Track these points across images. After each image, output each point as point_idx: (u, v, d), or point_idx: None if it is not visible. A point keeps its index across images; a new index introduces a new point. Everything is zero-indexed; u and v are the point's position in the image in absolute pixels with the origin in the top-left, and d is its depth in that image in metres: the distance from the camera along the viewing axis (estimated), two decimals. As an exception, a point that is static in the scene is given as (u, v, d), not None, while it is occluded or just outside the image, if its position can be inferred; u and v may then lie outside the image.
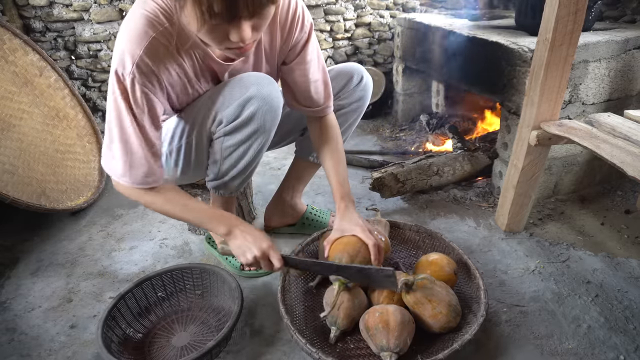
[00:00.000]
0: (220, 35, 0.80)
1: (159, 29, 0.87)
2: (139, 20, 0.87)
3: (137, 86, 0.87)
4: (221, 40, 0.81)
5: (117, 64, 0.86)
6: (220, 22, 0.76)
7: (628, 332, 1.06)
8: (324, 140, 1.19)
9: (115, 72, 0.86)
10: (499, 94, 1.56)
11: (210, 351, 0.93)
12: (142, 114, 0.91)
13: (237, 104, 1.00)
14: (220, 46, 0.84)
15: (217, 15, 0.74)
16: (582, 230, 1.46)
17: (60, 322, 1.15)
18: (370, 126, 2.49)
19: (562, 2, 1.07)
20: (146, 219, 1.60)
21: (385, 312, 0.95)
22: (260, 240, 0.99)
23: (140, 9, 0.88)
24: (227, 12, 0.74)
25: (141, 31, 0.86)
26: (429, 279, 1.00)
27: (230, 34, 0.79)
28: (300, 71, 1.12)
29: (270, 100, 1.01)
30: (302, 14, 1.06)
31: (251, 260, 0.99)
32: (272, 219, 1.47)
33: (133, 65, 0.86)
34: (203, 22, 0.76)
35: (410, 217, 1.56)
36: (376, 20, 2.53)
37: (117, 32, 0.89)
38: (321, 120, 1.19)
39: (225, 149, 1.07)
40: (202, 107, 1.04)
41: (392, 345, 0.91)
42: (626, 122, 1.17)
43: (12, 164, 1.48)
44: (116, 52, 0.87)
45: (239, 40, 0.80)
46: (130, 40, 0.86)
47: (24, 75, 1.71)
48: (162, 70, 0.91)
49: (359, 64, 1.28)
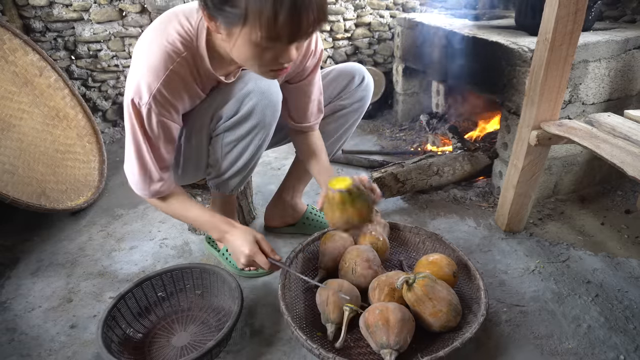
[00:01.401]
0: (267, 58, 0.81)
1: (177, 60, 0.89)
2: (158, 52, 0.88)
3: (154, 115, 0.91)
4: (269, 62, 0.82)
5: (133, 93, 0.89)
6: (278, 45, 0.78)
7: (628, 332, 1.06)
8: (311, 154, 1.22)
9: (132, 100, 0.90)
10: (499, 93, 1.56)
11: (211, 351, 0.93)
12: (157, 139, 0.96)
13: (235, 99, 1.00)
14: (264, 68, 0.85)
15: (279, 39, 0.76)
16: (582, 230, 1.46)
17: (61, 322, 1.15)
18: (370, 126, 2.49)
19: (562, 2, 1.07)
20: (146, 219, 1.60)
21: (385, 310, 0.95)
22: (244, 247, 1.01)
23: (161, 39, 0.89)
24: (290, 36, 0.76)
25: (160, 65, 0.88)
26: (430, 278, 1.00)
27: (280, 56, 0.81)
28: (303, 91, 1.15)
29: (269, 94, 1.02)
30: (317, 42, 1.09)
31: (245, 262, 1.02)
32: (272, 218, 1.47)
33: (150, 97, 0.89)
34: (260, 46, 0.78)
35: (410, 217, 1.56)
36: (376, 20, 2.53)
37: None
38: (307, 135, 1.23)
39: (226, 145, 1.07)
40: (201, 106, 1.04)
41: (392, 342, 0.91)
42: (626, 122, 1.17)
43: (12, 164, 1.48)
44: (133, 79, 0.89)
45: (286, 62, 0.83)
46: (149, 72, 0.88)
47: (24, 75, 1.71)
48: (177, 98, 0.94)
49: (360, 64, 1.29)
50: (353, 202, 0.97)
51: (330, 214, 0.99)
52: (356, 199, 0.97)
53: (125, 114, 0.93)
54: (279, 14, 0.71)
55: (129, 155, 0.98)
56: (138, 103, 0.89)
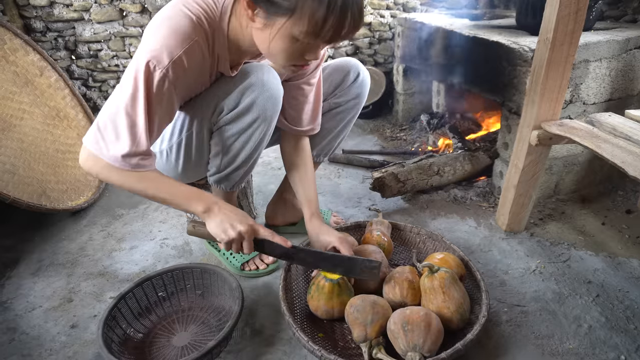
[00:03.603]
0: (297, 54, 0.84)
1: (202, 35, 0.88)
2: (184, 20, 0.86)
3: (167, 82, 0.86)
4: (296, 56, 0.84)
5: (150, 55, 0.84)
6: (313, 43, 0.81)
7: (629, 332, 1.06)
8: (295, 162, 1.23)
9: (147, 63, 0.84)
10: (500, 93, 1.56)
11: (211, 351, 0.92)
12: (157, 108, 0.89)
13: (237, 92, 1.00)
14: (288, 61, 0.86)
15: (319, 37, 0.78)
16: (583, 230, 1.46)
17: (61, 322, 1.15)
18: (371, 126, 2.49)
19: (563, 2, 1.07)
20: (147, 219, 1.60)
21: (429, 314, 0.94)
22: (246, 216, 0.97)
23: (182, 7, 0.88)
24: (331, 37, 0.79)
25: (185, 32, 0.86)
26: (452, 275, 1.01)
27: (308, 52, 0.83)
28: (301, 90, 1.15)
29: (270, 87, 1.01)
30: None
31: (235, 236, 0.94)
32: (273, 217, 1.47)
33: (170, 62, 0.85)
34: (297, 41, 0.79)
35: (411, 217, 1.56)
36: (377, 20, 2.53)
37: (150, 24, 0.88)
38: (298, 140, 1.23)
39: (227, 138, 1.07)
40: (202, 99, 1.04)
41: (426, 349, 0.89)
42: (627, 121, 1.17)
43: (12, 164, 1.48)
44: (151, 42, 0.85)
45: (312, 59, 0.85)
46: (172, 37, 0.85)
47: (24, 75, 1.72)
48: (190, 74, 0.92)
49: (355, 59, 1.27)
50: (340, 293, 1.04)
51: (316, 300, 1.05)
52: (343, 290, 1.05)
53: (129, 77, 0.85)
54: (330, 17, 0.76)
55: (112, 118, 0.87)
56: (154, 66, 0.84)
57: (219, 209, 0.96)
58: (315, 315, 1.08)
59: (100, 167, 0.91)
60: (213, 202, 0.96)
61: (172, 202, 0.96)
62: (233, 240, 0.95)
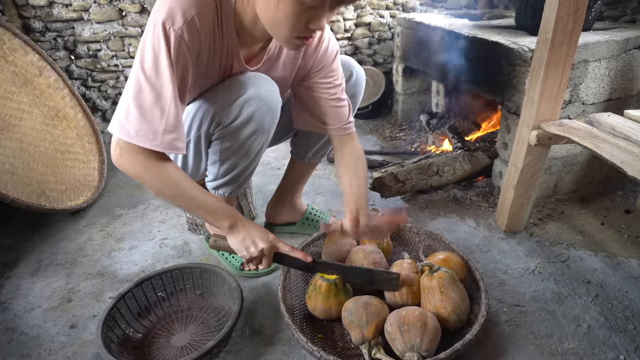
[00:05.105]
0: (302, 22, 0.82)
1: (211, 3, 0.85)
2: None
3: (183, 44, 0.82)
4: (300, 26, 0.83)
5: (164, 16, 0.80)
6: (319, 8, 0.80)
7: (628, 332, 1.06)
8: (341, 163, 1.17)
9: (162, 23, 0.80)
10: (499, 93, 1.56)
11: (210, 351, 0.92)
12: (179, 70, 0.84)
13: (235, 105, 0.99)
14: (293, 33, 0.84)
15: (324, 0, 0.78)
16: (582, 230, 1.46)
17: (60, 322, 1.15)
18: (370, 126, 2.49)
19: (562, 2, 1.07)
20: (146, 219, 1.60)
21: (425, 313, 0.94)
22: (267, 233, 0.99)
23: None
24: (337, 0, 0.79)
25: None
26: (452, 276, 1.01)
27: (312, 21, 0.82)
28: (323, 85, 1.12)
29: (269, 100, 1.01)
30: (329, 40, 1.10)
31: (257, 253, 0.97)
32: (274, 216, 1.47)
33: (184, 23, 0.81)
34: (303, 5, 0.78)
35: (410, 217, 1.56)
36: (376, 20, 2.53)
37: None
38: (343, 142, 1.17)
39: (225, 149, 1.06)
40: (200, 108, 1.02)
41: (424, 348, 0.89)
42: (626, 122, 1.17)
43: (11, 164, 1.48)
44: (163, 5, 0.81)
45: (316, 29, 0.84)
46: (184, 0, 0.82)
47: (23, 75, 1.71)
48: (203, 41, 0.87)
49: (349, 58, 1.25)
50: (337, 293, 1.05)
51: (313, 300, 1.06)
52: (340, 290, 1.06)
53: (148, 40, 0.81)
54: None
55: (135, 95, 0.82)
56: (169, 27, 0.80)
57: (242, 226, 0.98)
58: (314, 315, 1.08)
59: (134, 160, 0.86)
60: (238, 219, 0.98)
61: (199, 213, 0.99)
62: (253, 258, 0.98)
